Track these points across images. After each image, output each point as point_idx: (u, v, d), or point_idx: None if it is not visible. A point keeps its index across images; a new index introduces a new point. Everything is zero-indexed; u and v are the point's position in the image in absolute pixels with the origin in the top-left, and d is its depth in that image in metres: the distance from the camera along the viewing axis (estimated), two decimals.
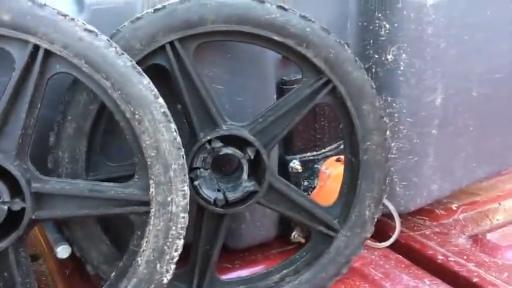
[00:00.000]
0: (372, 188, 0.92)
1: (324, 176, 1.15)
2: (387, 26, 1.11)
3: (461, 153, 1.26)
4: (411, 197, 1.25)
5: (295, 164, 1.10)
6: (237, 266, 1.09)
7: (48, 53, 0.73)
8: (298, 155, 1.10)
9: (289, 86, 1.06)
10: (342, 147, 1.11)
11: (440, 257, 1.23)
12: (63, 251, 0.83)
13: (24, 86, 0.74)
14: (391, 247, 1.27)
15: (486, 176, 1.40)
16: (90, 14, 0.87)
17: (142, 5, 0.91)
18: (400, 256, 1.21)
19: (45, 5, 0.73)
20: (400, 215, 1.25)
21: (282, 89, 1.05)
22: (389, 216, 1.23)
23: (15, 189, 0.73)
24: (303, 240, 1.16)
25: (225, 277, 0.99)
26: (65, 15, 0.73)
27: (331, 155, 1.15)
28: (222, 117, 0.87)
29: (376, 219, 0.96)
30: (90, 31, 0.74)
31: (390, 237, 1.26)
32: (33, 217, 0.73)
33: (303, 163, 1.10)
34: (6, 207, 0.71)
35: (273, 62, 1.04)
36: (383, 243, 1.22)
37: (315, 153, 1.14)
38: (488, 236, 1.31)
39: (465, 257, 1.25)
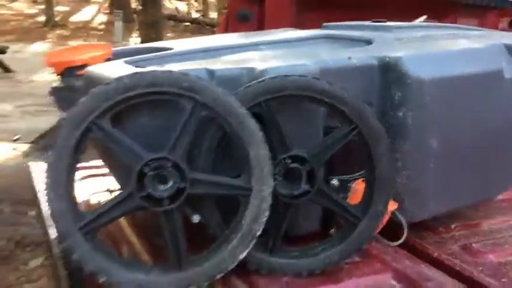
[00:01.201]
0: (382, 194, 1.47)
1: (353, 190, 1.69)
2: (399, 93, 1.60)
3: (452, 182, 1.72)
4: (416, 211, 1.70)
5: (335, 182, 1.66)
6: (292, 243, 1.57)
7: (202, 105, 1.35)
8: (336, 176, 1.57)
9: (331, 130, 1.64)
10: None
11: (436, 254, 1.74)
12: (196, 218, 1.40)
13: (189, 124, 1.35)
14: (399, 246, 1.71)
15: (474, 201, 1.92)
16: (217, 80, 1.45)
17: (248, 77, 1.53)
18: (406, 251, 1.73)
19: (201, 78, 1.36)
20: (408, 225, 1.73)
21: (326, 131, 1.60)
22: (400, 224, 1.74)
23: (179, 177, 1.33)
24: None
25: (286, 248, 1.54)
26: (212, 84, 1.35)
27: (359, 177, 1.71)
28: (291, 146, 1.46)
29: (384, 214, 1.50)
30: (226, 93, 1.35)
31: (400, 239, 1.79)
32: (189, 192, 1.32)
33: (340, 181, 1.65)
34: (176, 185, 1.32)
35: (322, 115, 1.58)
36: (394, 243, 1.75)
37: (348, 175, 1.66)
38: (474, 245, 1.83)
39: (454, 256, 1.71)
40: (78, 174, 2.18)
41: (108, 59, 1.69)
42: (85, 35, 18.76)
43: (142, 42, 10.33)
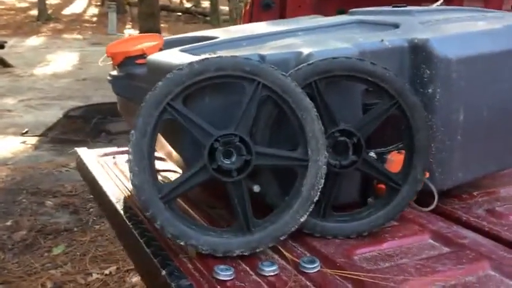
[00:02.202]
0: (421, 161, 1.65)
1: (389, 161, 1.86)
2: (428, 72, 1.76)
3: (477, 152, 1.90)
4: (445, 180, 1.88)
5: (372, 154, 1.83)
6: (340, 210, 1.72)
7: (263, 85, 1.51)
8: (373, 149, 1.71)
9: (368, 106, 1.82)
10: (400, 146, 1.85)
11: (464, 218, 1.93)
12: (257, 188, 1.57)
13: (251, 103, 1.51)
14: (431, 211, 1.94)
15: (497, 169, 2.11)
16: (268, 63, 1.58)
17: (295, 60, 1.69)
18: (437, 215, 1.92)
19: (264, 62, 1.52)
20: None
21: (364, 107, 1.80)
22: (429, 192, 1.94)
23: (245, 151, 1.49)
24: None
25: (335, 213, 1.71)
26: (272, 67, 1.51)
27: (393, 150, 1.88)
28: (339, 121, 1.63)
29: (422, 180, 1.68)
30: (283, 75, 1.51)
31: (431, 205, 1.97)
32: (254, 164, 1.49)
33: (377, 154, 1.83)
34: (243, 158, 1.48)
35: (360, 92, 1.77)
36: (426, 208, 1.93)
37: (383, 148, 1.85)
38: (497, 209, 2.01)
39: (480, 218, 1.91)
40: (122, 158, 2.35)
41: (160, 49, 1.85)
42: (79, 28, 18.76)
43: (141, 33, 10.44)
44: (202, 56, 1.56)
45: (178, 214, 1.47)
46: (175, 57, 1.66)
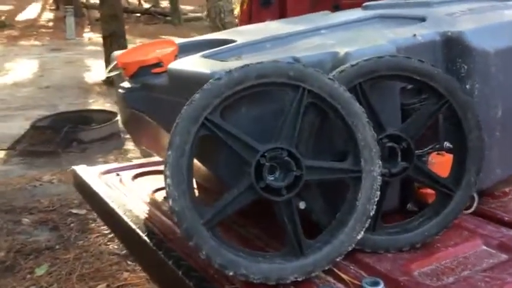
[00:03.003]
0: (474, 164, 1.54)
1: (430, 163, 1.75)
2: (465, 67, 1.65)
3: None
4: (483, 179, 1.82)
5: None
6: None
7: (309, 92, 1.36)
8: None
9: (407, 107, 1.70)
10: (437, 146, 1.74)
11: (506, 218, 1.84)
12: (302, 205, 1.42)
13: (296, 112, 1.35)
14: (472, 214, 1.89)
15: None
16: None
17: (332, 61, 1.55)
18: (480, 217, 1.81)
19: (307, 66, 1.37)
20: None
21: (402, 109, 1.68)
22: None
23: (295, 166, 1.33)
24: (416, 209, 1.76)
25: (385, 225, 1.58)
26: (318, 71, 1.36)
27: (431, 151, 1.76)
28: (385, 125, 1.49)
29: (476, 183, 1.56)
30: (330, 79, 1.37)
31: (471, 207, 1.87)
32: (305, 179, 1.34)
33: (416, 157, 1.70)
34: (294, 174, 1.32)
35: (398, 92, 1.67)
36: (467, 211, 1.82)
37: (423, 149, 1.75)
38: None
39: None
40: (126, 174, 2.16)
41: (175, 56, 1.67)
42: (35, 34, 18.12)
43: (104, 36, 10.09)
44: (231, 63, 1.40)
45: (224, 241, 1.30)
46: (200, 64, 1.49)
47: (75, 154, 6.55)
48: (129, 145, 6.65)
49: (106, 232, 4.35)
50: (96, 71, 10.96)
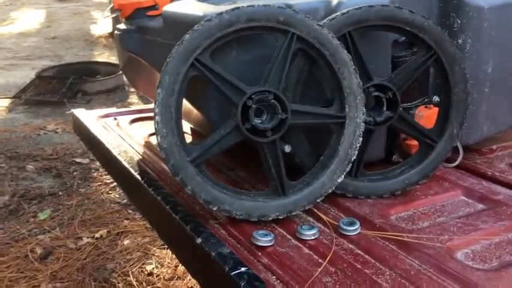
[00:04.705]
0: (457, 116, 1.57)
1: (417, 117, 1.79)
2: (458, 21, 1.68)
3: (502, 105, 1.85)
4: (470, 134, 1.82)
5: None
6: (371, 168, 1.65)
7: (297, 37, 1.39)
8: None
9: (397, 60, 1.72)
10: (426, 100, 1.77)
11: (490, 173, 1.88)
12: (288, 148, 1.46)
13: (284, 57, 1.39)
14: (455, 167, 1.94)
15: None
16: None
17: (324, 9, 1.57)
18: (463, 171, 1.86)
19: (298, 12, 1.39)
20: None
21: (393, 61, 1.71)
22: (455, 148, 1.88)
23: (280, 109, 1.38)
24: (401, 160, 1.81)
25: (367, 172, 1.63)
26: (308, 17, 1.39)
27: (419, 105, 1.80)
28: (373, 75, 1.53)
29: (458, 135, 1.61)
30: (319, 25, 1.39)
31: (455, 161, 1.92)
32: (290, 122, 1.38)
33: (403, 109, 1.75)
34: (279, 117, 1.37)
35: (390, 44, 1.69)
36: (450, 164, 1.87)
37: (410, 103, 1.80)
38: None
39: (505, 173, 1.88)
40: (124, 119, 2.22)
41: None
42: None
43: None
44: (224, 6, 1.43)
45: (210, 178, 1.36)
46: (195, 7, 1.51)
47: (80, 105, 6.60)
48: (133, 98, 6.70)
49: (108, 181, 4.44)
50: (103, 23, 10.89)
